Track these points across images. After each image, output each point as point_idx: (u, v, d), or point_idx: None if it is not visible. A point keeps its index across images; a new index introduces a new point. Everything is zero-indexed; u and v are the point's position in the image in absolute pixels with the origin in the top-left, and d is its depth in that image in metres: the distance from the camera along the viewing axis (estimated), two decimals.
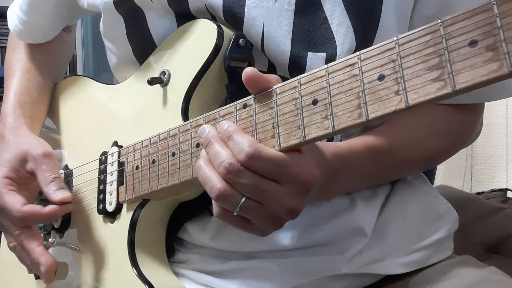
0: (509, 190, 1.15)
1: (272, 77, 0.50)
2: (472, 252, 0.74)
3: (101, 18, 0.73)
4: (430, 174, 1.01)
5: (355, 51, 0.59)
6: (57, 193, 0.66)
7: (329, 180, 0.56)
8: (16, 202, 0.67)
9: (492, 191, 1.14)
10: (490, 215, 0.99)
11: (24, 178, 0.71)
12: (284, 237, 0.62)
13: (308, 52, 0.59)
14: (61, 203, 0.66)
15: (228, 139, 0.49)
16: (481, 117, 0.73)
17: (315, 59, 0.59)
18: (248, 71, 0.49)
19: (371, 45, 0.60)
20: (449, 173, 1.49)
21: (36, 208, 0.67)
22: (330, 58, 0.59)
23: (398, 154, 0.63)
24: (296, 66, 0.60)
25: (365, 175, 0.63)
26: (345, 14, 0.59)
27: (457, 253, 0.70)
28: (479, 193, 1.16)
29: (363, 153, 0.60)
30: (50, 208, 0.66)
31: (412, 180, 0.71)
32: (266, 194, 0.47)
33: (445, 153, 0.71)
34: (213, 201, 0.49)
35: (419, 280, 0.63)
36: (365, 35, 0.60)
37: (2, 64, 1.98)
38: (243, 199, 0.47)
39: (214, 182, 0.48)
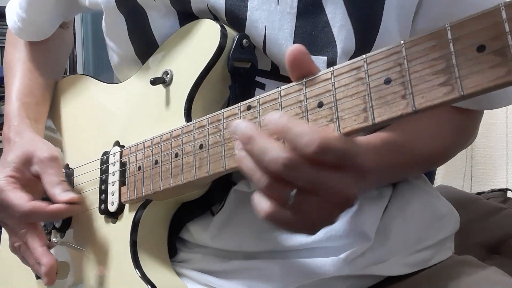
0: (509, 190, 1.15)
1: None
2: (472, 252, 0.74)
3: (103, 17, 0.72)
4: (430, 174, 1.01)
5: (353, 55, 0.59)
6: (62, 195, 0.66)
7: None
8: (20, 198, 0.67)
9: (492, 191, 1.14)
10: (490, 215, 1.00)
11: (28, 180, 0.70)
12: (286, 238, 0.62)
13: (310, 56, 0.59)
14: (68, 203, 0.66)
15: (283, 131, 0.42)
16: (480, 122, 0.74)
17: (316, 62, 0.58)
18: (295, 47, 0.45)
19: (370, 48, 0.60)
20: (449, 173, 1.49)
21: (41, 204, 0.66)
22: (331, 62, 0.59)
23: (411, 150, 0.64)
24: None
25: (383, 171, 0.62)
26: (346, 17, 0.59)
27: (458, 253, 0.70)
28: (479, 193, 1.16)
29: (380, 147, 0.60)
30: (55, 205, 0.66)
31: (413, 181, 0.71)
32: (326, 184, 0.42)
33: (448, 153, 0.71)
34: (257, 197, 0.44)
35: (420, 280, 0.63)
36: (365, 39, 0.60)
37: (2, 64, 1.97)
38: (294, 191, 0.42)
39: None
